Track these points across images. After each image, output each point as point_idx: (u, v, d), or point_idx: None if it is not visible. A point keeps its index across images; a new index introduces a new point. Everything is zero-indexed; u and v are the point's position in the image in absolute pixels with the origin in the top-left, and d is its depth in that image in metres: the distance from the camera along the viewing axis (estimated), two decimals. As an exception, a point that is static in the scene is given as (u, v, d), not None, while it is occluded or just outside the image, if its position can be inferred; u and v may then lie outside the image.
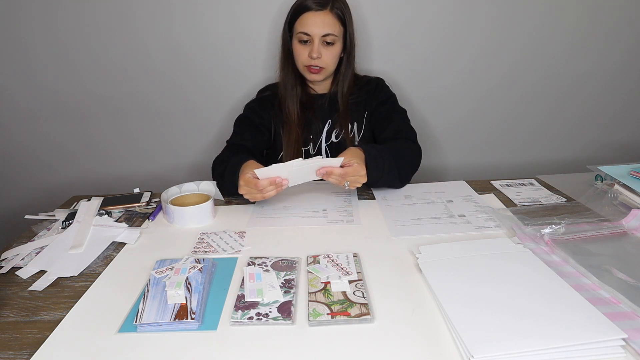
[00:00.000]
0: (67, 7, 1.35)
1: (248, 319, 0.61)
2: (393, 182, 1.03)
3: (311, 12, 1.07)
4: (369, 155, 0.95)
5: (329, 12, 1.08)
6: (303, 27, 1.09)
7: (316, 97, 1.22)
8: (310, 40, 1.09)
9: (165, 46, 1.41)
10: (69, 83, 1.46)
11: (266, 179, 0.88)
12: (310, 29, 1.08)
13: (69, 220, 0.92)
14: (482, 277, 0.65)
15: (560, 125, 1.58)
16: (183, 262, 0.72)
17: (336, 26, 1.09)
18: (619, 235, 0.78)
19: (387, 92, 1.24)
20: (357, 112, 1.21)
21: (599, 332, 0.53)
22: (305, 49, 1.11)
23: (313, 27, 1.08)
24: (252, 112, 1.22)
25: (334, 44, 1.10)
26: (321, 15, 1.07)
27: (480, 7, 1.38)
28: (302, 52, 1.11)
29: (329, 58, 1.12)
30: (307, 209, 0.97)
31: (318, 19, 1.07)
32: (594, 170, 1.01)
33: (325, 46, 1.10)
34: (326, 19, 1.08)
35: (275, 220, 0.92)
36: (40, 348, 0.58)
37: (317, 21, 1.08)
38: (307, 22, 1.08)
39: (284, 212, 0.96)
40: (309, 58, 1.11)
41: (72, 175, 1.61)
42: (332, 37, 1.09)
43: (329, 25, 1.08)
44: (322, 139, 1.21)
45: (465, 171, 1.63)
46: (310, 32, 1.08)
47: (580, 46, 1.45)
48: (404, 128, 1.16)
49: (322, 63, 1.12)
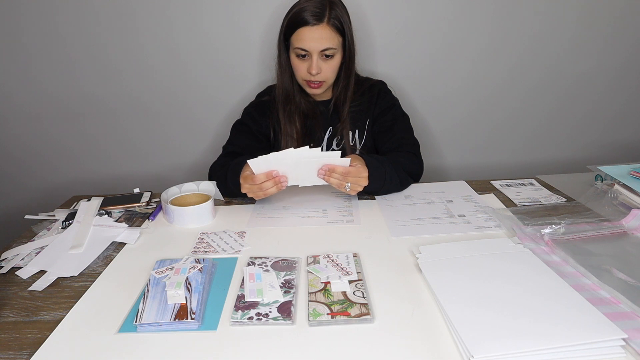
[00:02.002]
0: (67, 8, 1.35)
1: (248, 319, 0.61)
2: (394, 190, 1.03)
3: (307, 27, 1.01)
4: (370, 165, 0.93)
5: (326, 25, 1.02)
6: (300, 43, 1.04)
7: (318, 104, 1.19)
8: (309, 55, 1.04)
9: (164, 47, 1.41)
10: (69, 83, 1.46)
11: (262, 174, 0.88)
12: (307, 44, 1.03)
13: (69, 220, 0.92)
14: (482, 277, 0.65)
15: (560, 125, 1.58)
16: (183, 262, 0.72)
17: (334, 39, 1.04)
18: (619, 235, 0.78)
19: (389, 99, 1.20)
20: (359, 120, 1.18)
21: (599, 332, 0.53)
22: (304, 63, 1.06)
23: (310, 42, 1.02)
24: (249, 118, 1.18)
25: (333, 56, 1.06)
26: (318, 30, 1.01)
27: (480, 8, 1.38)
28: (301, 66, 1.07)
29: (329, 72, 1.08)
30: (307, 209, 0.97)
31: (315, 34, 1.02)
32: (594, 170, 1.01)
33: (325, 59, 1.06)
34: (324, 33, 1.02)
35: (275, 220, 0.92)
36: (40, 348, 0.58)
37: (314, 36, 1.02)
38: (304, 38, 1.02)
39: (284, 212, 0.96)
40: (307, 73, 1.06)
41: (72, 175, 1.61)
42: (331, 51, 1.04)
43: (327, 39, 1.03)
44: (323, 147, 1.19)
45: (465, 171, 1.63)
46: (308, 48, 1.03)
47: (580, 47, 1.45)
48: (407, 141, 1.13)
49: (322, 77, 1.07)
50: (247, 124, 1.18)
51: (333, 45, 1.04)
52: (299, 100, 1.16)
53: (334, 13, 1.03)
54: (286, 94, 1.14)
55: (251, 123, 1.17)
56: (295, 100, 1.15)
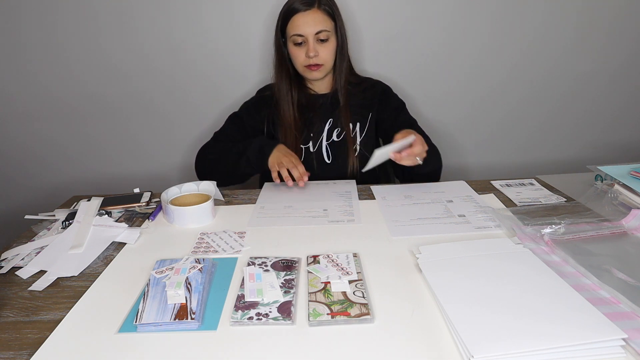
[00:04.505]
0: (66, 7, 1.35)
1: (248, 319, 0.61)
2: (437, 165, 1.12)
3: (300, 13, 1.10)
4: None
5: (317, 9, 1.10)
6: (295, 29, 1.11)
7: (317, 97, 1.23)
8: (305, 41, 1.12)
9: (164, 46, 1.41)
10: (69, 83, 1.46)
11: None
12: (302, 29, 1.10)
13: (69, 220, 0.92)
14: (482, 277, 0.65)
15: (560, 125, 1.58)
16: (183, 262, 0.72)
17: (327, 22, 1.12)
18: (619, 235, 0.78)
19: (398, 99, 1.26)
20: (361, 113, 1.22)
21: (599, 332, 0.53)
22: (302, 50, 1.13)
23: (305, 27, 1.10)
24: (245, 112, 1.24)
25: (328, 39, 1.13)
26: (311, 14, 1.10)
27: (479, 8, 1.38)
28: (299, 53, 1.14)
29: (326, 54, 1.14)
30: (308, 209, 0.97)
31: (308, 18, 1.10)
32: (594, 170, 1.01)
33: (320, 43, 1.12)
34: (316, 17, 1.10)
35: (276, 220, 0.92)
36: (40, 348, 0.58)
37: (307, 20, 1.10)
38: (298, 23, 1.10)
39: (284, 211, 0.96)
40: (306, 58, 1.13)
41: (72, 175, 1.61)
42: (325, 34, 1.11)
43: (320, 22, 1.10)
44: (323, 138, 1.21)
45: (465, 171, 1.63)
46: (303, 32, 1.10)
47: (580, 47, 1.45)
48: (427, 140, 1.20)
49: (320, 60, 1.14)
50: (241, 117, 1.24)
51: (327, 27, 1.11)
52: (299, 94, 1.21)
53: (323, 0, 1.11)
54: (285, 87, 1.19)
55: (246, 117, 1.23)
56: (292, 95, 1.20)
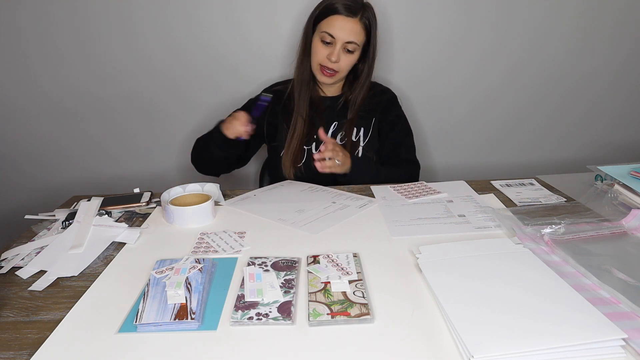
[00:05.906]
0: (65, 8, 1.35)
1: (248, 319, 0.61)
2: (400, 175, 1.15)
3: (341, 16, 1.08)
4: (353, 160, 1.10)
5: (358, 20, 1.09)
6: (329, 28, 1.09)
7: (324, 99, 1.23)
8: (333, 43, 1.10)
9: (163, 46, 1.41)
10: (68, 84, 1.46)
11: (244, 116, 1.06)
12: (336, 32, 1.09)
13: (69, 220, 0.92)
14: (482, 277, 0.65)
15: (560, 125, 1.58)
16: (183, 262, 0.72)
17: (361, 35, 1.11)
18: (619, 235, 0.78)
19: (399, 111, 1.26)
20: (366, 118, 1.22)
21: (599, 332, 0.53)
22: (326, 49, 1.11)
23: (339, 31, 1.08)
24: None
25: (353, 52, 1.12)
26: (350, 22, 1.08)
27: (480, 9, 1.38)
28: (322, 51, 1.12)
29: (345, 64, 1.13)
30: (308, 209, 0.97)
31: (347, 24, 1.08)
32: (594, 170, 1.01)
33: (345, 53, 1.11)
34: (354, 27, 1.09)
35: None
36: (40, 348, 0.58)
37: (345, 26, 1.08)
38: (335, 25, 1.09)
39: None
40: (326, 59, 1.11)
41: (72, 175, 1.61)
42: (353, 46, 1.10)
43: (355, 33, 1.09)
44: None
45: (465, 171, 1.63)
46: (335, 35, 1.09)
47: (580, 47, 1.45)
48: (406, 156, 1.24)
49: (338, 67, 1.13)
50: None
51: (358, 41, 1.10)
52: (312, 89, 1.20)
53: (367, 14, 1.10)
54: (303, 79, 1.18)
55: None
56: (310, 87, 1.19)
